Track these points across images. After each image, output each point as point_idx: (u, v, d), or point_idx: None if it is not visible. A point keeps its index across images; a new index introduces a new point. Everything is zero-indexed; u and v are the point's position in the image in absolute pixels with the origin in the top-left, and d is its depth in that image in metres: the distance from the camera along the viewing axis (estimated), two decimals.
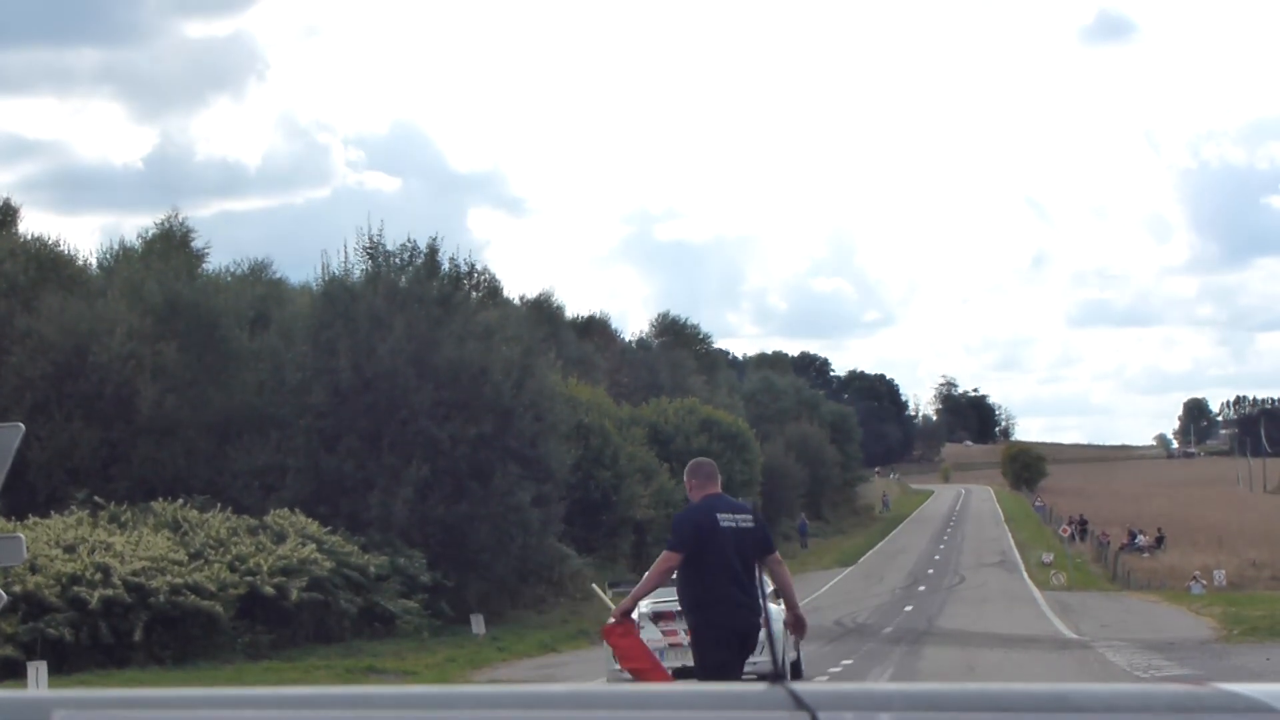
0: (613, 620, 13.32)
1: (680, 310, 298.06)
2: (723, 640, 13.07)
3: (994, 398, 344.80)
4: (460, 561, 45.43)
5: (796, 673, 38.62)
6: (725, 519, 13.20)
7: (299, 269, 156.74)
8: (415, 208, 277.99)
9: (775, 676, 2.00)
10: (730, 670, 12.91)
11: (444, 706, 1.86)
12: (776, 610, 46.73)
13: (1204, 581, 60.22)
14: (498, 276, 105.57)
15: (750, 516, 13.45)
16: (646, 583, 13.47)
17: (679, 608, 45.20)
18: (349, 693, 1.95)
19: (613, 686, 1.97)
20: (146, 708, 1.81)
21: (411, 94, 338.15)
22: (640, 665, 13.17)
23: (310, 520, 41.11)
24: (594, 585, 16.36)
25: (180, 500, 41.05)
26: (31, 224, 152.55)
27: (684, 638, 42.51)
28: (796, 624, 13.59)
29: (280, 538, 39.69)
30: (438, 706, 1.86)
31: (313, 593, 37.92)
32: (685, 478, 13.80)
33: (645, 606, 42.87)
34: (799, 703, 1.93)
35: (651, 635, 39.77)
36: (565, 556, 53.70)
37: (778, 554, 13.63)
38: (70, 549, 34.87)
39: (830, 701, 1.96)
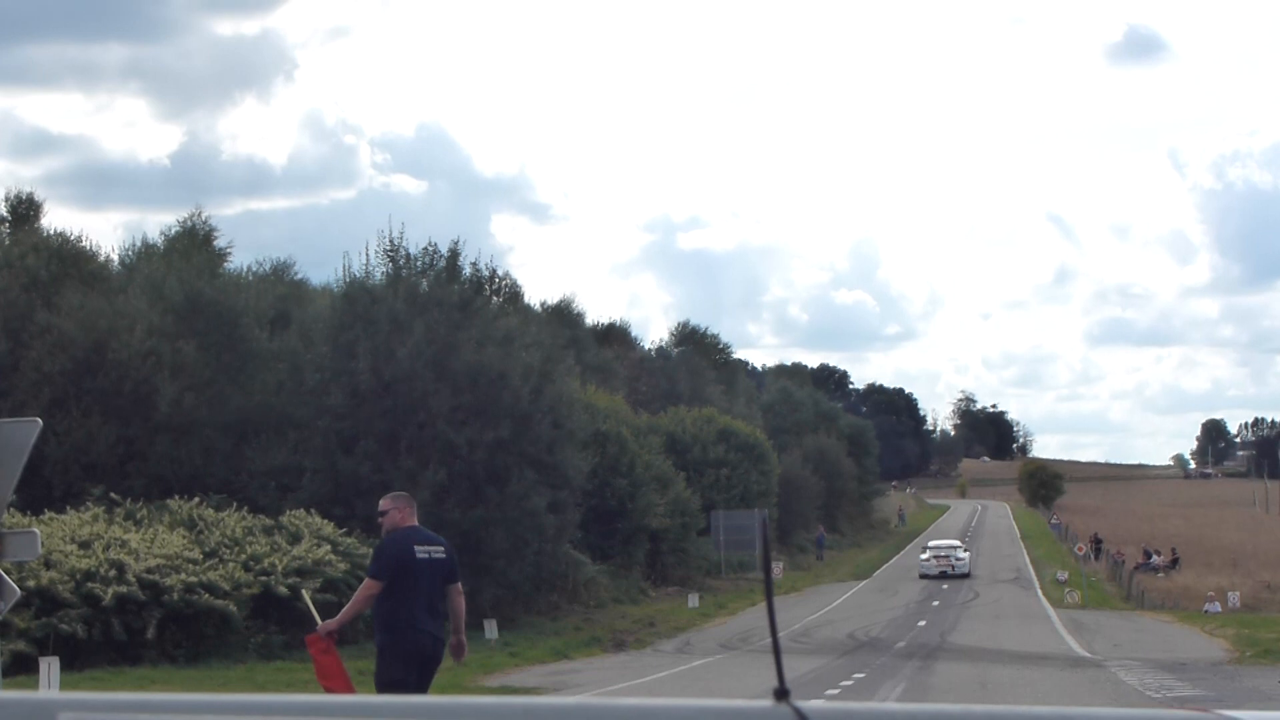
0: (316, 635, 14.51)
1: (700, 319, 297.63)
2: (407, 661, 14.31)
3: (1012, 414, 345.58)
4: (475, 566, 45.37)
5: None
6: (421, 551, 14.44)
7: (323, 270, 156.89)
8: (440, 211, 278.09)
9: (780, 693, 2.00)
10: (406, 688, 14.18)
11: (449, 717, 1.87)
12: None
13: (1216, 602, 60.07)
14: (519, 282, 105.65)
15: (442, 548, 14.69)
16: (350, 608, 14.74)
17: (941, 552, 62.52)
18: (355, 702, 1.96)
19: (618, 700, 1.97)
20: (152, 712, 1.81)
21: (439, 97, 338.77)
22: (333, 685, 14.29)
23: (326, 521, 41.13)
24: (305, 594, 17.81)
25: (196, 499, 41.11)
26: (54, 219, 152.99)
27: (956, 564, 70.63)
28: (458, 648, 14.68)
29: (295, 538, 39.72)
30: (442, 717, 1.86)
31: (327, 594, 37.93)
32: (390, 506, 14.79)
33: (928, 553, 74.29)
34: None
35: (930, 562, 72.73)
36: (580, 563, 53.68)
37: (459, 584, 14.77)
38: (85, 545, 34.93)
39: None
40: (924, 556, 77.78)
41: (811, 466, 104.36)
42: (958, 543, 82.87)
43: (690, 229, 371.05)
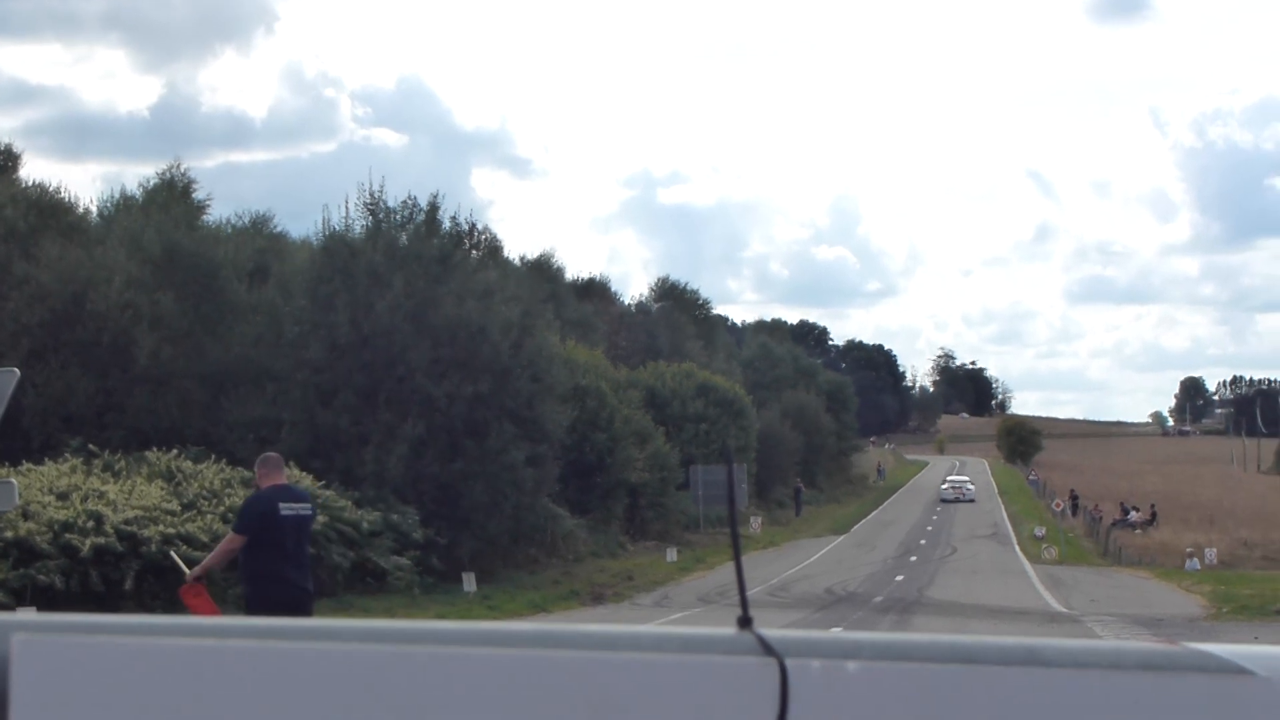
0: (187, 584, 15.47)
1: (681, 275, 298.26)
2: (273, 612, 14.69)
3: (991, 371, 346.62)
4: (453, 519, 45.46)
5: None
6: (286, 508, 15.59)
7: (302, 223, 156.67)
8: (420, 165, 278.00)
9: (743, 621, 2.00)
10: None
11: (407, 640, 1.86)
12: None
13: (1195, 559, 60.31)
14: (499, 236, 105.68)
15: (308, 505, 16.20)
16: (212, 558, 15.96)
17: (956, 484, 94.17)
18: (315, 625, 1.95)
19: (581, 626, 1.96)
20: (109, 633, 1.80)
21: (420, 50, 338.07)
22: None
23: (304, 474, 41.04)
24: (171, 553, 18.96)
25: (174, 450, 41.00)
26: (33, 170, 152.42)
27: (966, 492, 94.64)
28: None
29: None
30: (399, 640, 1.85)
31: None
32: (256, 467, 16.43)
33: (947, 484, 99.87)
34: (766, 648, 1.93)
35: (949, 490, 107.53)
36: (558, 517, 53.72)
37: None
38: (63, 496, 34.86)
39: (798, 648, 1.95)
40: (944, 486, 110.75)
41: (790, 422, 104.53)
42: (967, 478, 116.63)
43: (671, 184, 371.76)
